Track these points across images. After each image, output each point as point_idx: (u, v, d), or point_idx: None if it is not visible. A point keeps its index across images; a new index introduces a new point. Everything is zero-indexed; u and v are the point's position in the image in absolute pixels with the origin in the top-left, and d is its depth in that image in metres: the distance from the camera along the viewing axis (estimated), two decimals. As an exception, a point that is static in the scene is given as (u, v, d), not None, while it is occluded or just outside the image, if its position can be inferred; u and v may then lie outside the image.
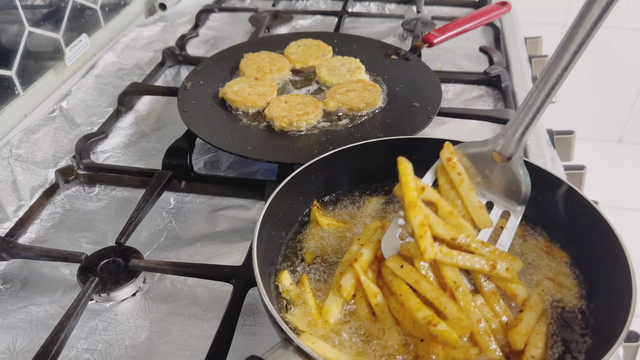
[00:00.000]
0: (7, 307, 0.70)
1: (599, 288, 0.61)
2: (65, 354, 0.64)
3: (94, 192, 0.90)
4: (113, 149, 1.00)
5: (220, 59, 1.14)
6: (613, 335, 0.52)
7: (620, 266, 0.57)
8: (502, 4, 1.23)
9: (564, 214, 0.69)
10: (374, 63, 1.11)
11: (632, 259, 0.57)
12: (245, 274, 0.69)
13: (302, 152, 0.88)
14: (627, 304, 0.53)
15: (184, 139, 0.93)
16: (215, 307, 0.69)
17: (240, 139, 0.91)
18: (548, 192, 0.70)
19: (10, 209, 0.84)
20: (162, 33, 1.41)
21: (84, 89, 1.13)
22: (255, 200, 0.86)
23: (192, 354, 0.64)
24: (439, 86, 1.01)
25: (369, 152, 0.77)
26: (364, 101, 0.96)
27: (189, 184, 0.89)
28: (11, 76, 1.01)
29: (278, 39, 1.22)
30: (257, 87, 1.01)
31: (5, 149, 0.92)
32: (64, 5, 1.15)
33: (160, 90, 1.12)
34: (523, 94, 1.11)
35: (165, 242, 0.80)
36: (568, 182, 0.68)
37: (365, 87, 1.00)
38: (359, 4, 1.56)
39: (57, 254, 0.73)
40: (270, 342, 0.63)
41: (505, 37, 1.35)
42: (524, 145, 0.62)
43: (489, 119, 0.99)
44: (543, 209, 0.72)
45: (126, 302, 0.70)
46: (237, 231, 0.81)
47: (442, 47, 1.23)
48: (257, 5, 1.58)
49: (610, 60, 2.58)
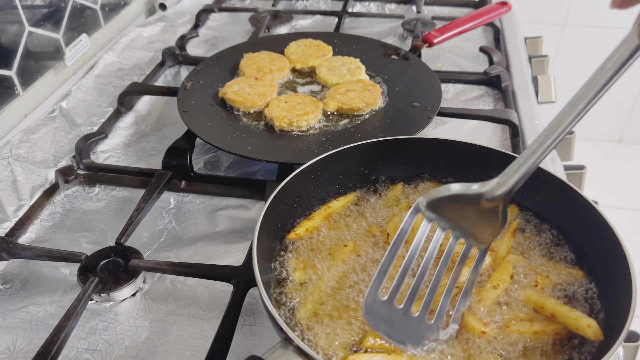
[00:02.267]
0: (7, 307, 0.70)
1: (599, 288, 0.61)
2: (65, 354, 0.64)
3: (94, 192, 0.90)
4: (113, 149, 1.00)
5: (220, 59, 1.14)
6: (613, 336, 0.52)
7: (620, 266, 0.57)
8: (502, 4, 1.23)
9: (563, 214, 0.69)
10: (374, 63, 1.11)
11: (632, 259, 0.57)
12: (245, 274, 0.69)
13: (302, 152, 0.88)
14: (627, 304, 0.53)
15: (184, 139, 0.93)
16: (215, 307, 0.69)
17: (240, 139, 0.91)
18: (548, 193, 0.70)
19: (10, 209, 0.84)
20: (162, 33, 1.41)
21: (84, 89, 1.14)
22: (255, 200, 0.86)
23: (192, 354, 0.64)
24: (439, 86, 1.01)
25: (369, 152, 0.77)
26: (364, 101, 0.96)
27: (189, 184, 0.89)
28: (11, 76, 1.01)
29: (278, 39, 1.22)
30: (257, 87, 1.01)
31: (5, 149, 0.92)
32: (64, 5, 1.15)
33: (160, 90, 1.12)
34: (523, 94, 1.11)
35: (165, 242, 0.80)
36: (568, 182, 0.68)
37: (365, 87, 1.00)
38: (359, 4, 1.56)
39: (57, 254, 0.73)
40: (270, 342, 0.63)
41: (505, 37, 1.35)
42: (513, 193, 0.58)
43: (489, 119, 0.99)
44: (543, 209, 0.72)
45: (126, 302, 0.70)
46: (237, 231, 0.81)
47: (442, 47, 1.23)
48: (257, 5, 1.58)
49: (610, 60, 2.59)
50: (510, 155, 0.74)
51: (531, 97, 1.11)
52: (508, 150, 0.94)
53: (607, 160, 2.69)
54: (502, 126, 1.01)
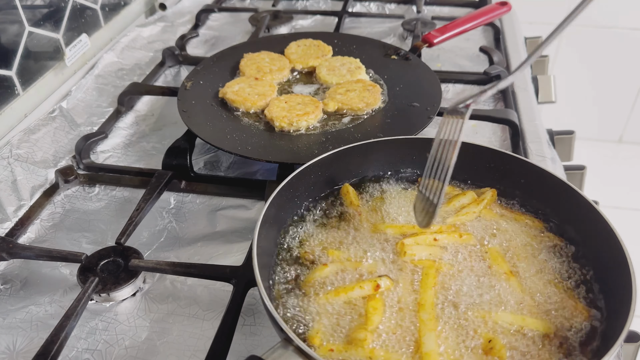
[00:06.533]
0: (7, 307, 0.70)
1: (599, 288, 0.61)
2: (65, 354, 0.64)
3: (94, 192, 0.90)
4: (113, 149, 1.00)
5: (220, 59, 1.14)
6: (613, 336, 0.52)
7: (620, 266, 0.57)
8: (502, 4, 1.23)
9: (563, 215, 0.69)
10: (374, 63, 1.11)
11: (632, 259, 0.57)
12: (245, 274, 0.69)
13: (302, 152, 0.88)
14: (627, 304, 0.53)
15: (184, 139, 0.93)
16: (215, 307, 0.69)
17: (240, 139, 0.90)
18: (548, 193, 0.70)
19: (10, 209, 0.84)
20: (162, 33, 1.41)
21: (84, 89, 1.13)
22: (255, 200, 0.86)
23: (192, 354, 0.64)
24: (439, 86, 1.01)
25: (369, 152, 0.77)
26: (364, 101, 0.96)
27: (189, 184, 0.89)
28: (11, 76, 1.01)
29: (278, 39, 1.22)
30: (257, 87, 1.01)
31: (5, 149, 0.92)
32: (64, 5, 1.15)
33: (160, 90, 1.12)
34: (523, 94, 1.11)
35: (165, 242, 0.80)
36: (568, 182, 0.68)
37: (365, 87, 1.00)
38: (359, 4, 1.56)
39: (57, 254, 0.73)
40: (270, 342, 0.64)
41: (505, 37, 1.35)
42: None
43: (489, 119, 0.99)
44: (543, 209, 0.72)
45: (126, 302, 0.70)
46: (237, 231, 0.81)
47: (442, 47, 1.23)
48: (257, 5, 1.58)
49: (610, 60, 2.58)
50: (510, 156, 0.74)
51: (531, 97, 1.11)
52: (508, 150, 0.94)
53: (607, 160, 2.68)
54: (502, 126, 1.01)
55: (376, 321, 0.58)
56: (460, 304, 0.59)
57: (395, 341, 0.56)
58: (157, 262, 0.72)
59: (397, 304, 0.60)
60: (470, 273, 0.63)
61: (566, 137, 1.14)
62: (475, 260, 0.64)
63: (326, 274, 0.63)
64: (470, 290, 0.61)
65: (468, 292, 0.61)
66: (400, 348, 0.56)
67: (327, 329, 0.58)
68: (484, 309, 0.59)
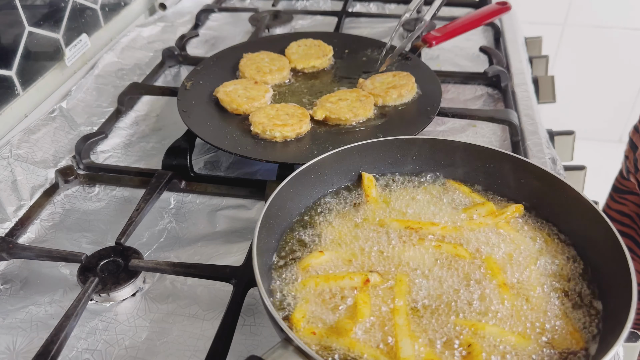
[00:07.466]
0: (7, 307, 0.70)
1: (599, 288, 0.61)
2: (65, 354, 0.64)
3: (94, 192, 0.90)
4: (113, 149, 1.00)
5: (220, 59, 1.14)
6: (613, 336, 0.52)
7: (620, 266, 0.57)
8: (502, 4, 1.23)
9: (563, 215, 0.69)
10: (374, 63, 1.11)
11: (632, 259, 0.57)
12: (245, 274, 0.69)
13: (302, 152, 0.88)
14: (627, 304, 0.53)
15: (184, 139, 0.93)
16: (215, 307, 0.69)
17: (241, 139, 0.91)
18: (548, 193, 0.70)
19: (10, 209, 0.84)
20: (162, 33, 1.41)
21: (84, 89, 1.13)
22: (255, 200, 0.87)
23: (192, 354, 0.64)
24: (439, 86, 1.01)
25: (368, 152, 0.77)
26: (353, 112, 0.94)
27: (189, 184, 0.89)
28: (11, 76, 1.01)
29: (278, 39, 1.22)
30: (251, 90, 1.00)
31: (5, 149, 0.92)
32: (64, 5, 1.15)
33: (160, 90, 1.12)
34: (523, 94, 1.11)
35: (165, 242, 0.80)
36: (568, 182, 0.68)
37: (358, 98, 0.98)
38: (359, 4, 1.56)
39: (57, 254, 0.73)
40: (270, 342, 0.64)
41: (505, 37, 1.35)
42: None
43: (489, 119, 0.99)
44: (543, 209, 0.72)
45: (126, 302, 0.70)
46: (237, 231, 0.81)
47: (442, 47, 1.23)
48: (257, 5, 1.58)
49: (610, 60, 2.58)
50: (510, 156, 0.74)
51: (531, 97, 1.11)
52: (508, 150, 0.94)
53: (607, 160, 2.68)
54: (502, 126, 1.01)
55: (365, 314, 0.58)
56: (442, 310, 0.59)
57: (380, 339, 0.56)
58: (157, 262, 0.72)
59: (384, 303, 0.60)
60: (462, 280, 0.62)
61: (566, 137, 1.14)
62: (470, 270, 0.63)
63: (321, 262, 0.65)
64: (457, 298, 0.60)
65: (454, 299, 0.60)
66: (377, 345, 0.56)
67: (311, 314, 0.59)
68: (469, 317, 0.58)
